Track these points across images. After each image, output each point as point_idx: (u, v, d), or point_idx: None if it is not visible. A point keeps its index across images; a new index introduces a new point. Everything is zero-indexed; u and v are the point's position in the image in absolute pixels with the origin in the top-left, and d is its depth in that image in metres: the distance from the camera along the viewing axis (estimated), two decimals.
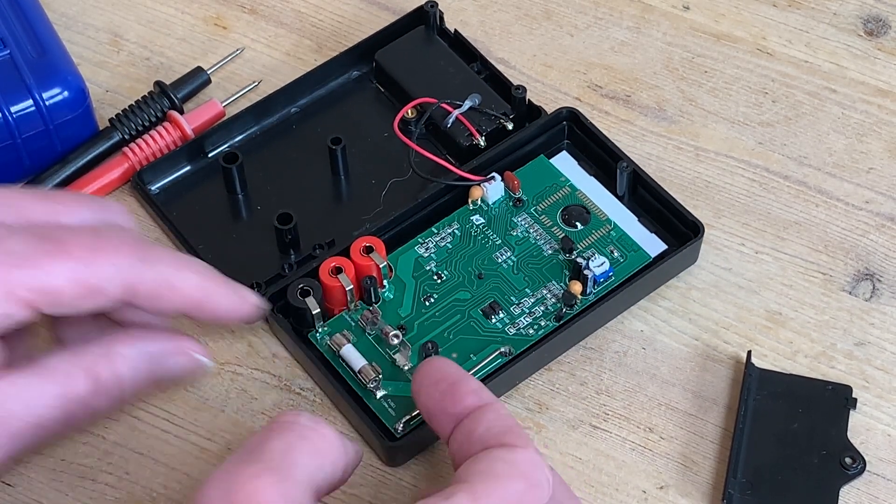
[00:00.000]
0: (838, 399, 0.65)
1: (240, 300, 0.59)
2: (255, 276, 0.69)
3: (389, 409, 0.65)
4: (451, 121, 0.72)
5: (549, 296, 0.68)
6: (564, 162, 0.72)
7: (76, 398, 0.55)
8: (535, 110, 0.73)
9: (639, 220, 0.70)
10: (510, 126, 0.72)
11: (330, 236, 0.70)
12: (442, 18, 0.76)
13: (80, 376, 0.55)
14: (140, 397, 0.58)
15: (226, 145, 0.74)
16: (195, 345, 0.59)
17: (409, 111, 0.73)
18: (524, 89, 0.72)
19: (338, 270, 0.67)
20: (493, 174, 0.70)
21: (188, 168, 0.73)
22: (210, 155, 0.74)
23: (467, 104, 0.72)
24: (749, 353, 0.66)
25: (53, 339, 0.59)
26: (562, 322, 0.67)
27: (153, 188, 0.73)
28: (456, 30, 0.76)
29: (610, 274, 0.68)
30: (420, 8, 0.76)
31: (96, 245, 0.55)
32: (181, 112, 0.75)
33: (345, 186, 0.73)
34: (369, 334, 0.67)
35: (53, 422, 0.54)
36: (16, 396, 0.54)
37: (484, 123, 0.72)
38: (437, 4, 0.75)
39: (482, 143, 0.72)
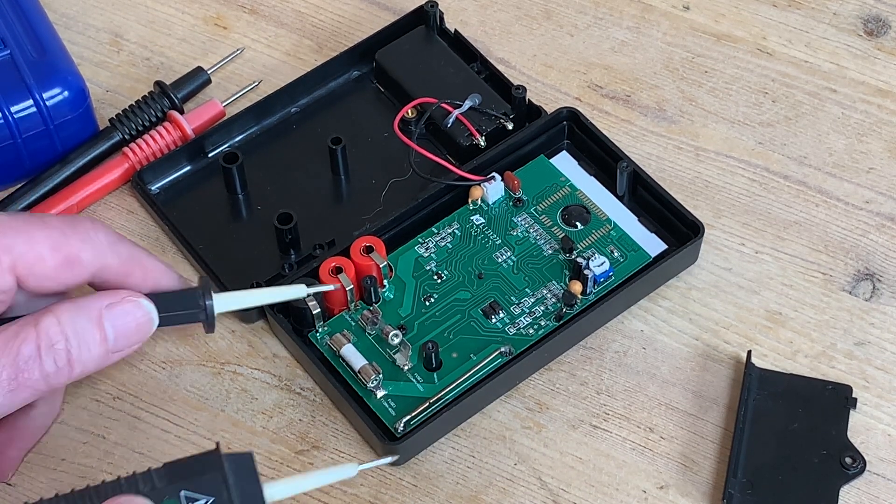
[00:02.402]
0: (838, 399, 0.65)
1: (177, 276, 0.61)
2: (255, 276, 0.69)
3: (389, 409, 0.65)
4: (451, 121, 0.72)
5: (549, 296, 0.68)
6: (564, 162, 0.72)
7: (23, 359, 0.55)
8: (535, 110, 0.73)
9: (639, 220, 0.70)
10: (510, 126, 0.72)
11: (330, 236, 0.70)
12: (442, 18, 0.76)
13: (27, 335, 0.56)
14: (100, 362, 0.57)
15: (226, 145, 0.74)
16: (134, 292, 0.59)
17: (409, 111, 0.73)
18: (524, 89, 0.72)
19: (338, 270, 0.67)
20: (493, 174, 0.70)
21: (188, 168, 0.73)
22: (210, 155, 0.74)
23: (467, 104, 0.72)
24: (749, 353, 0.66)
25: None
26: (562, 322, 0.67)
27: (153, 188, 0.73)
28: (456, 30, 0.76)
29: (610, 274, 0.68)
30: (420, 8, 0.76)
31: (73, 221, 0.58)
32: (181, 112, 0.75)
33: (345, 186, 0.73)
34: (369, 334, 0.67)
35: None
36: None
37: (484, 123, 0.72)
38: (437, 4, 0.75)
39: (482, 143, 0.72)
